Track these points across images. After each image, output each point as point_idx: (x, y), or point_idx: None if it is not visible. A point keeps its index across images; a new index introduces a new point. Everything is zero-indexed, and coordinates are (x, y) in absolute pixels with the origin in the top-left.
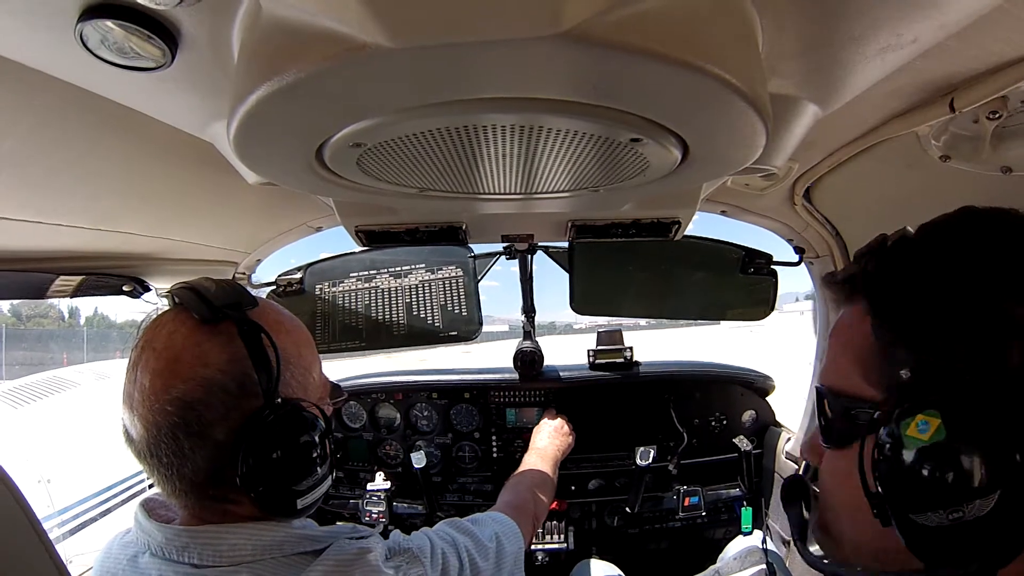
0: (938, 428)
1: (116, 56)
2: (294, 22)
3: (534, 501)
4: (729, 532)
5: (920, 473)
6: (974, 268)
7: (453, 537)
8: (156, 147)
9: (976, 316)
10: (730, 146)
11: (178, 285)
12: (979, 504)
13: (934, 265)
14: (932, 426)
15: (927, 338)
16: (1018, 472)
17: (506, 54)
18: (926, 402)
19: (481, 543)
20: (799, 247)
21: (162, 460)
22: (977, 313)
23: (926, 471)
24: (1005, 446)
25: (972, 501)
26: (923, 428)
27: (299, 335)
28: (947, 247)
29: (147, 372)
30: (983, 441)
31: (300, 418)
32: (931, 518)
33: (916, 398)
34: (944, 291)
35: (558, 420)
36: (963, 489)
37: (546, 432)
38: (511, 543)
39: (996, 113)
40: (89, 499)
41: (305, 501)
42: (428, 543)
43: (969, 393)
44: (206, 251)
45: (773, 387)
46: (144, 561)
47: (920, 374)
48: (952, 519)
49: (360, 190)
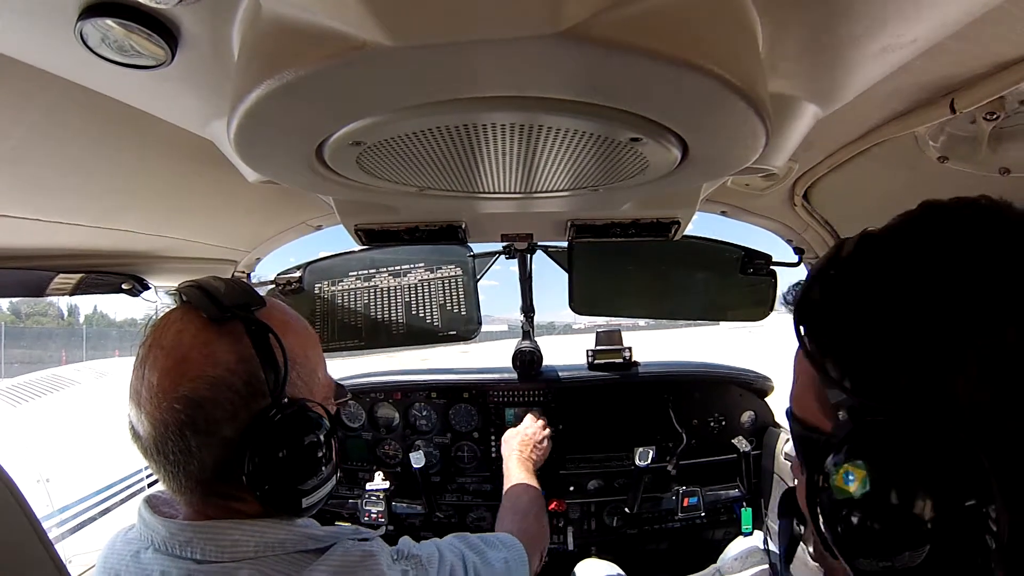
0: (863, 480)
1: (116, 54)
2: (294, 21)
3: (541, 534)
4: (728, 533)
5: (846, 519)
6: (913, 287)
7: (462, 552)
8: (156, 145)
9: (915, 352)
10: (730, 146)
11: (186, 283)
12: (908, 556)
13: (868, 288)
14: (857, 477)
15: (859, 379)
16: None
17: (506, 53)
18: (853, 451)
19: (489, 563)
20: (799, 248)
21: (169, 458)
22: (916, 349)
23: (854, 520)
24: (940, 496)
25: (900, 552)
26: (849, 479)
27: (306, 335)
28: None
29: (155, 370)
30: (911, 493)
31: (306, 418)
32: (863, 563)
33: (846, 445)
34: (876, 322)
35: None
36: (888, 541)
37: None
38: (518, 572)
39: (994, 114)
40: (88, 498)
41: (310, 500)
42: (437, 553)
43: (902, 440)
44: (206, 249)
45: (772, 388)
46: (147, 557)
47: (856, 417)
48: (883, 568)
49: (360, 188)
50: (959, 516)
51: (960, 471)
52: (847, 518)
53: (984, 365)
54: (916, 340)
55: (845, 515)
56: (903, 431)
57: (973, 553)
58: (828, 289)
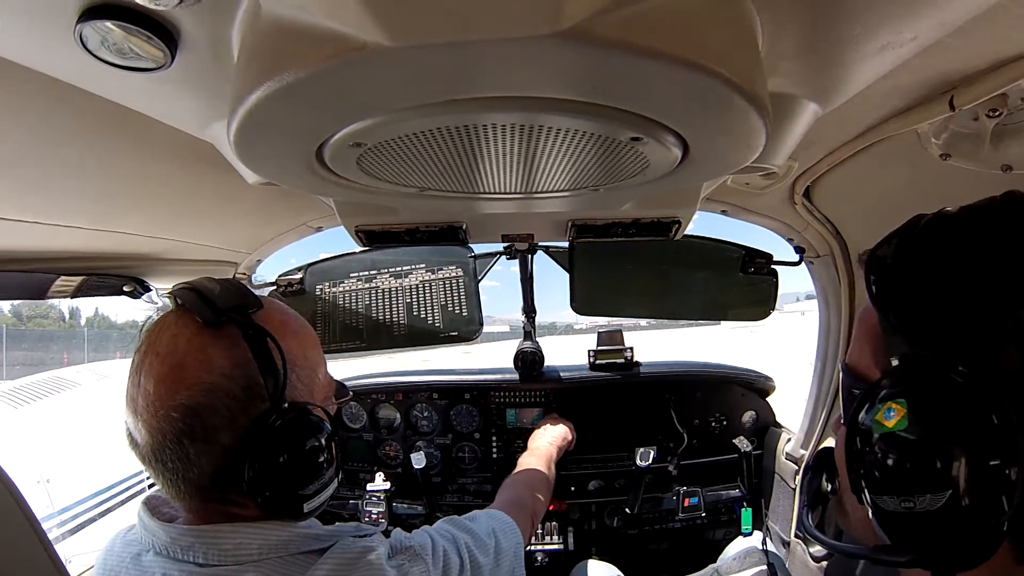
0: (902, 417)
1: (116, 57)
2: (294, 22)
3: (532, 498)
4: (729, 533)
5: (878, 456)
6: (981, 263)
7: (453, 535)
8: (156, 147)
9: (972, 313)
10: (730, 145)
11: (180, 285)
12: (929, 499)
13: (939, 256)
14: (897, 414)
15: (919, 330)
16: (982, 476)
17: (506, 53)
18: (898, 391)
19: (480, 540)
20: (799, 246)
21: (167, 465)
22: (974, 310)
23: (883, 456)
24: (969, 448)
25: (923, 494)
26: (889, 415)
27: (305, 336)
28: (959, 237)
29: (151, 377)
30: (943, 438)
31: (307, 422)
32: (887, 502)
33: (893, 386)
34: (943, 285)
35: (560, 425)
36: (915, 480)
37: (544, 434)
38: (508, 539)
39: (996, 111)
40: (88, 499)
41: (312, 504)
42: (430, 541)
43: (945, 389)
44: (206, 251)
45: (773, 388)
46: (148, 559)
47: (907, 363)
48: (904, 507)
49: (360, 190)
50: (983, 470)
51: (992, 427)
52: (881, 455)
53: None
54: (974, 302)
55: (880, 452)
56: (948, 380)
57: (988, 510)
58: (902, 250)
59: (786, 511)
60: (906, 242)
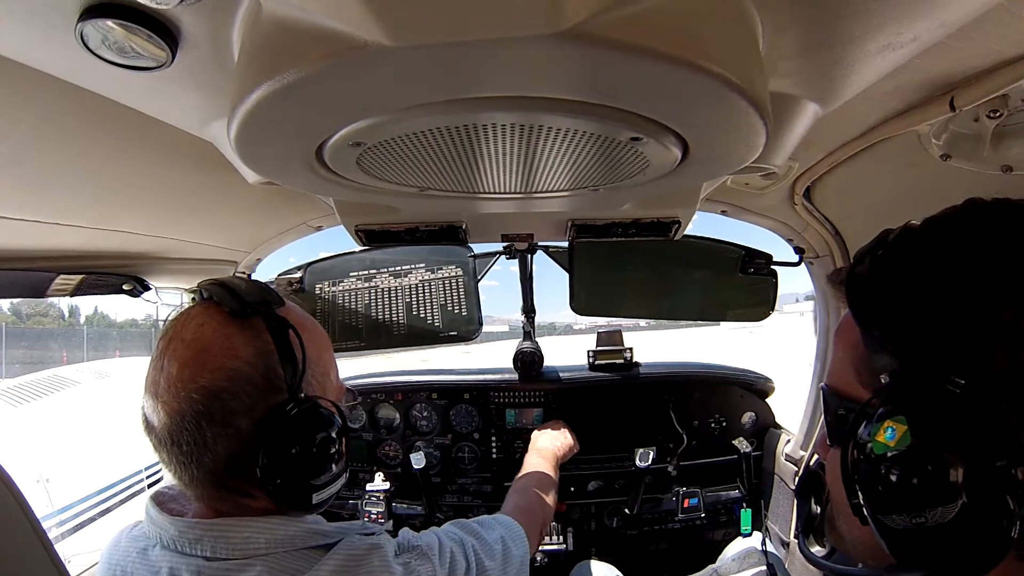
0: (903, 435)
1: (117, 56)
2: (294, 21)
3: (542, 506)
4: (728, 534)
5: (885, 477)
6: (958, 268)
7: (461, 537)
8: (156, 146)
9: (957, 320)
10: (730, 145)
11: (208, 281)
12: (941, 511)
13: (917, 267)
14: (898, 433)
15: (906, 344)
16: (989, 481)
17: (506, 53)
18: (895, 408)
19: (488, 544)
20: (799, 247)
21: (182, 448)
22: (958, 317)
23: (890, 475)
24: (975, 456)
25: (934, 508)
26: (890, 435)
27: (320, 338)
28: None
29: (175, 361)
30: (948, 450)
31: (321, 414)
32: (896, 520)
33: (888, 404)
34: (925, 295)
35: (564, 431)
36: (924, 496)
37: (547, 435)
38: (517, 547)
39: (996, 112)
40: (88, 498)
41: (321, 496)
42: (437, 541)
43: (943, 400)
44: (206, 250)
45: (773, 389)
46: (155, 554)
47: (898, 379)
48: (915, 523)
49: (360, 189)
50: (991, 475)
51: (994, 432)
52: (886, 475)
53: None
54: (957, 308)
55: (884, 472)
56: (943, 390)
57: (998, 513)
58: (877, 265)
59: (785, 512)
60: (881, 258)
